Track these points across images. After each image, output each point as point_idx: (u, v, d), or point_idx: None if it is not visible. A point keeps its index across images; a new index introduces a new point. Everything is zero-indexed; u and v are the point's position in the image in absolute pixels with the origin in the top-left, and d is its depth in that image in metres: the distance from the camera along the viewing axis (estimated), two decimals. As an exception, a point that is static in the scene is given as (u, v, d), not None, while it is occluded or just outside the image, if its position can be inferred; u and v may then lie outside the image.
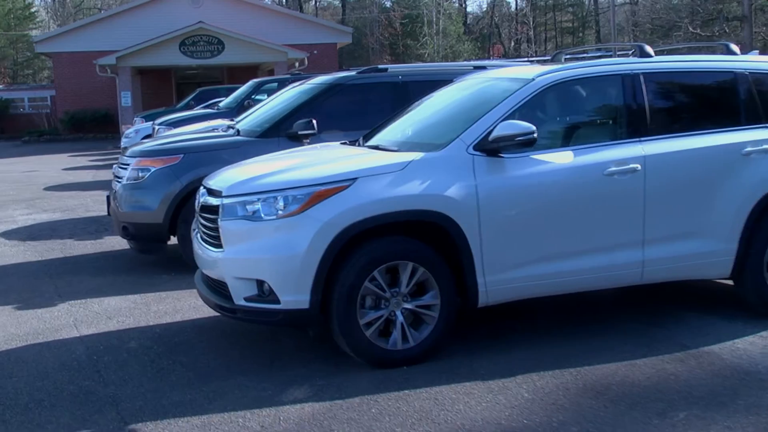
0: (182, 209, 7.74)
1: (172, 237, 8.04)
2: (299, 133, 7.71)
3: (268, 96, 16.19)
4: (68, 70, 35.23)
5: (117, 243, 9.46)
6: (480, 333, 5.74)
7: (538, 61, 10.77)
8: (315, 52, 33.59)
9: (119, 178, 8.19)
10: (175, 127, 14.50)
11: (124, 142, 20.61)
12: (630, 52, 6.37)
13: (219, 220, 5.16)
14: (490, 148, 5.25)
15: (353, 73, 8.52)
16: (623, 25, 62.95)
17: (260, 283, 5.00)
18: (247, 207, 5.07)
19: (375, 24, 61.51)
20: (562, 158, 5.45)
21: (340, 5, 68.86)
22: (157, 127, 15.62)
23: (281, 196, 4.99)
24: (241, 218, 5.07)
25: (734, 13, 45.43)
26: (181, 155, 7.84)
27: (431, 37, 55.29)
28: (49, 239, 10.15)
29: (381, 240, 5.06)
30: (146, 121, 21.98)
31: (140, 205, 7.85)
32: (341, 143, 6.46)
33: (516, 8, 70.34)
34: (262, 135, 8.01)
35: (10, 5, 61.69)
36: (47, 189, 16.14)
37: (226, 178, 5.54)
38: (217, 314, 5.60)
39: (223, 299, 5.20)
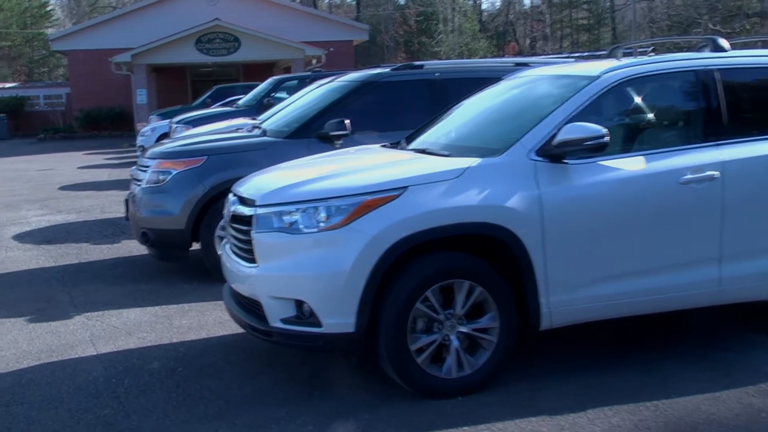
0: (206, 215, 7.24)
1: (194, 243, 7.52)
2: (331, 134, 7.18)
3: (287, 94, 15.75)
4: (83, 67, 34.87)
5: (135, 248, 8.97)
6: (538, 358, 5.19)
7: (588, 57, 10.20)
8: (331, 49, 33.03)
9: (138, 180, 7.68)
10: (193, 125, 14.01)
11: (140, 140, 20.18)
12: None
13: (252, 232, 4.62)
14: (555, 153, 4.70)
15: (387, 69, 7.98)
16: (640, 22, 62.29)
17: (299, 304, 4.47)
18: (284, 218, 4.54)
19: (390, 21, 60.99)
20: (632, 165, 4.89)
21: (355, 3, 68.31)
22: (174, 126, 15.13)
23: (323, 206, 4.45)
24: (277, 230, 4.54)
25: (754, 10, 44.80)
26: (205, 157, 7.33)
27: (446, 35, 54.69)
28: (63, 243, 9.66)
29: (434, 256, 4.52)
30: (162, 119, 21.54)
31: (161, 210, 7.34)
32: (381, 146, 5.92)
33: (531, 5, 69.60)
34: (290, 135, 7.49)
35: (26, 4, 61.60)
36: (62, 188, 15.70)
37: (259, 184, 5.01)
38: (240, 327, 5.07)
39: (257, 320, 4.67)
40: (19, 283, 7.73)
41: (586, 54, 11.22)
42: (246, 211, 4.78)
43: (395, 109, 7.74)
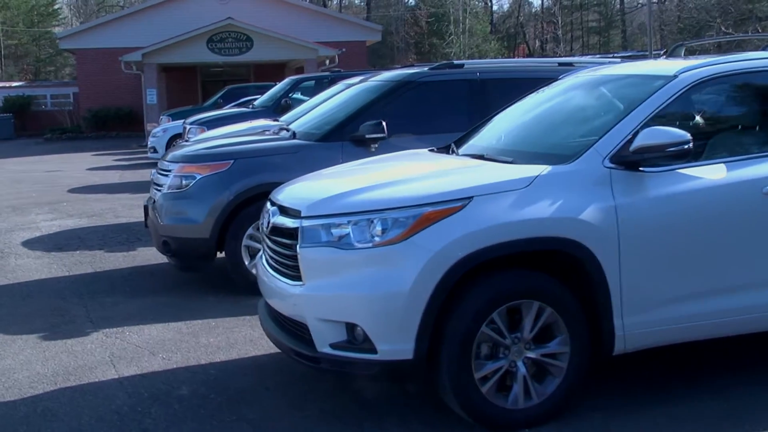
0: (232, 223, 6.75)
1: (218, 253, 7.05)
2: (366, 136, 6.71)
3: (302, 94, 15.28)
4: (92, 66, 34.38)
5: (152, 256, 8.49)
6: (607, 382, 4.70)
7: (631, 58, 9.69)
8: (343, 49, 32.50)
9: (159, 185, 7.20)
10: (208, 127, 13.55)
11: (151, 141, 19.79)
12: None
13: (297, 246, 4.14)
14: (631, 160, 4.23)
15: (425, 68, 7.49)
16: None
17: (351, 327, 3.99)
18: (333, 231, 4.06)
19: (400, 22, 60.56)
20: (712, 173, 4.40)
21: (365, 4, 67.82)
22: (188, 127, 14.64)
23: (379, 218, 3.97)
24: (326, 245, 4.06)
25: (766, 13, 44.45)
26: (231, 161, 6.84)
27: (457, 36, 54.23)
28: (76, 250, 9.19)
29: (502, 274, 4.05)
30: (173, 120, 21.14)
31: (184, 218, 6.85)
32: (429, 150, 5.44)
33: (542, 7, 69.10)
34: (322, 138, 7.01)
35: (33, 2, 61.17)
36: (72, 191, 15.22)
37: (304, 193, 4.54)
38: (280, 350, 4.60)
39: (302, 344, 4.19)
40: (30, 294, 7.26)
41: (628, 54, 10.52)
42: (289, 222, 4.30)
43: (433, 110, 7.27)
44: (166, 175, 7.10)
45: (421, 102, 7.24)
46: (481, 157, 4.77)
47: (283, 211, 4.45)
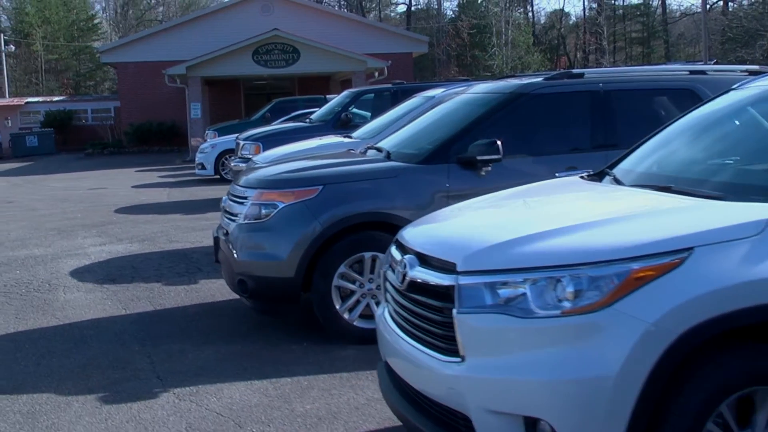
0: (321, 259, 5.77)
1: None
2: (478, 158, 5.71)
3: (356, 107, 14.33)
4: (133, 80, 33.82)
5: (218, 290, 7.57)
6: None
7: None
8: (389, 62, 31.59)
9: (233, 215, 6.24)
10: (264, 144, 12.65)
11: (199, 157, 19.04)
12: None
13: (454, 311, 3.14)
14: None
15: (539, 79, 6.46)
16: (693, 35, 60.67)
17: (533, 423, 2.98)
18: (501, 292, 3.06)
19: (442, 34, 59.71)
20: None
21: (405, 16, 67.07)
22: (242, 143, 13.73)
23: (569, 275, 2.95)
24: (495, 311, 3.05)
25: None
26: (320, 186, 5.84)
27: (500, 48, 53.20)
28: (131, 282, 8.26)
29: (732, 352, 3.00)
30: (219, 135, 20.38)
31: (264, 253, 5.87)
32: (580, 178, 4.40)
33: (584, 18, 67.83)
34: (425, 160, 5.98)
35: (74, 17, 61.29)
36: (118, 211, 14.38)
37: (452, 237, 3.52)
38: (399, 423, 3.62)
39: (458, 440, 3.18)
40: (85, 339, 6.32)
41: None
42: (437, 278, 3.29)
43: (550, 127, 6.26)
44: (242, 203, 6.14)
45: (536, 117, 6.22)
46: (666, 189, 3.73)
47: (424, 260, 3.44)
